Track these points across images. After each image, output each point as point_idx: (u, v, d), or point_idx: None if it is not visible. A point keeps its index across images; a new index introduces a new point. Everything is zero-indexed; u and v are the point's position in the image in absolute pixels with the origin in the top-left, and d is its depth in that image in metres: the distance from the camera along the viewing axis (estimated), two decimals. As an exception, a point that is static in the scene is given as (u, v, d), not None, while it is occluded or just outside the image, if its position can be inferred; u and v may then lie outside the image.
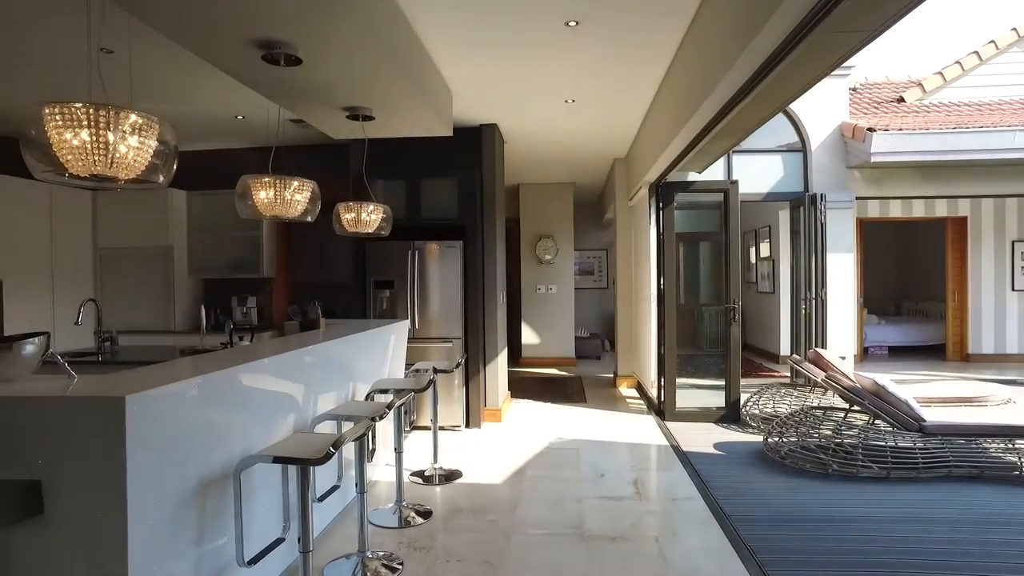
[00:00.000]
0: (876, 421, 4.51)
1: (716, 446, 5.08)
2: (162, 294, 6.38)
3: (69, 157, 1.96)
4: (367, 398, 3.79)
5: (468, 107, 5.24)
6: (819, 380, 5.05)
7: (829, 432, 4.49)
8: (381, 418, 2.86)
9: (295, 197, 3.04)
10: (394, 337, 4.51)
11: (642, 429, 5.72)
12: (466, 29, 3.70)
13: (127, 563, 1.89)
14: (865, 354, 9.75)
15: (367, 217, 3.98)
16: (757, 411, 5.72)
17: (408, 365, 4.92)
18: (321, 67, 3.33)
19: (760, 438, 5.13)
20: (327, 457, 2.21)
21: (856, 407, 4.66)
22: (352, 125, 4.34)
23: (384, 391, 3.82)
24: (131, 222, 6.35)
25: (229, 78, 4.09)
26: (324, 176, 3.81)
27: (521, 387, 7.74)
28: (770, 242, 9.82)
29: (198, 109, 5.19)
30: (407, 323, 4.94)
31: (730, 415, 5.88)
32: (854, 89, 8.54)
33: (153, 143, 2.08)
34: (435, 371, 3.92)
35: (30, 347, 2.04)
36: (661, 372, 6.16)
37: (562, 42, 3.91)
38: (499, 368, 6.00)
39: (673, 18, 3.65)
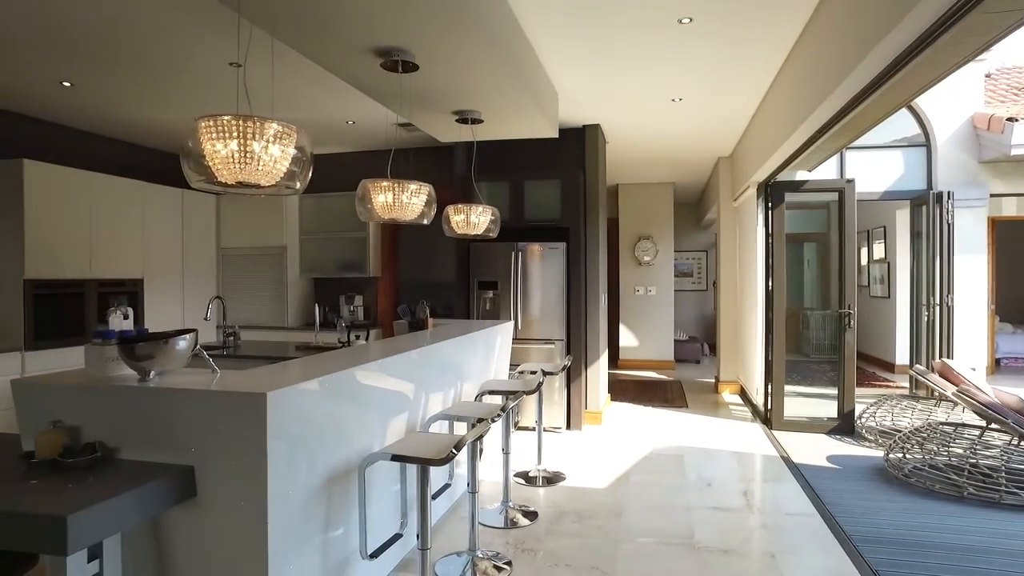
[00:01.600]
0: (1022, 442, 4.11)
1: (829, 459, 4.81)
2: (276, 292, 6.76)
3: (220, 166, 2.10)
4: (476, 399, 3.85)
5: (572, 107, 5.22)
6: (948, 394, 4.67)
7: (962, 451, 4.14)
8: (495, 420, 2.89)
9: (412, 200, 3.13)
10: (500, 338, 4.56)
11: (748, 437, 5.51)
12: (576, 29, 3.68)
13: (267, 546, 2.00)
14: (997, 366, 8.94)
15: (476, 219, 4.04)
16: (874, 424, 5.36)
17: (512, 366, 4.96)
18: (437, 72, 3.40)
19: (879, 453, 4.81)
20: (449, 458, 2.25)
21: (995, 425, 4.27)
22: (461, 128, 4.42)
23: (493, 392, 3.86)
24: (249, 224, 6.78)
25: (341, 85, 4.29)
26: (428, 178, 3.90)
27: (620, 389, 7.65)
28: (885, 243, 9.20)
29: (311, 115, 5.45)
30: (512, 324, 4.97)
31: (843, 426, 5.55)
32: (988, 75, 7.84)
33: (292, 151, 2.18)
34: (543, 373, 3.92)
35: (183, 343, 2.20)
36: (768, 378, 5.90)
37: (673, 39, 3.81)
38: (600, 370, 5.95)
39: (792, 12, 3.48)
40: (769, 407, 5.85)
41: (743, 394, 7.16)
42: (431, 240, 6.22)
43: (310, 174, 2.29)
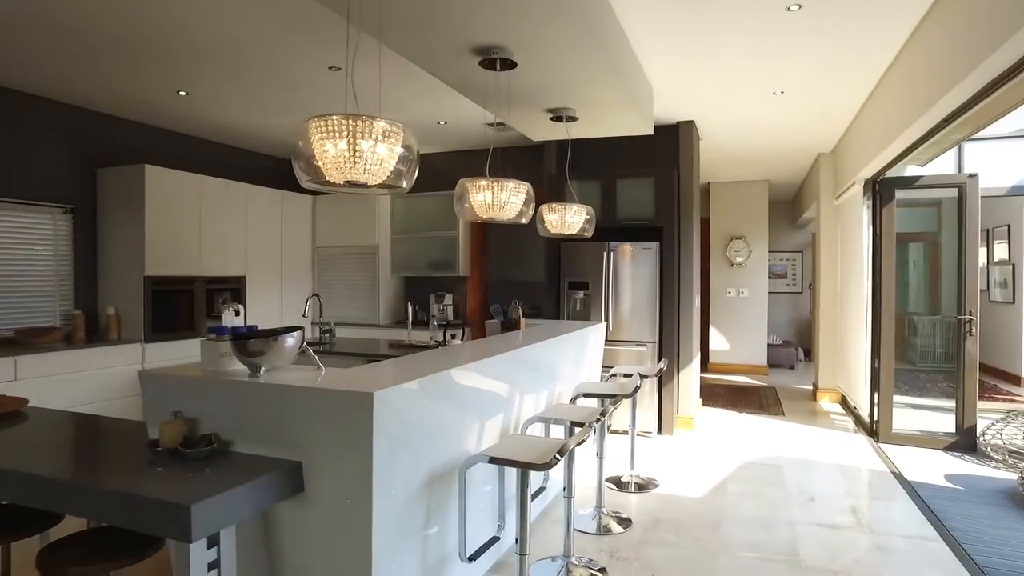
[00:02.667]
0: None
1: (948, 478, 4.44)
2: (368, 291, 6.94)
3: (329, 166, 2.13)
4: (571, 401, 3.79)
5: (667, 103, 5.06)
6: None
7: (1111, 476, 3.71)
8: (591, 425, 2.82)
9: (510, 199, 3.10)
10: (593, 339, 4.47)
11: (852, 449, 5.17)
12: (676, 19, 3.52)
13: (371, 544, 2.01)
14: None
15: (571, 218, 3.98)
16: (1001, 442, 4.91)
17: (603, 368, 4.86)
18: (534, 69, 3.36)
19: (1009, 475, 4.40)
20: (552, 463, 2.20)
21: None
22: (554, 126, 4.37)
23: (588, 395, 3.79)
24: (343, 224, 7.00)
25: (433, 86, 4.31)
26: (519, 177, 3.86)
27: (711, 394, 7.38)
28: (1008, 244, 8.44)
29: (402, 116, 5.55)
30: (604, 325, 4.87)
31: (963, 443, 5.11)
32: None
33: (399, 149, 2.19)
34: (640, 377, 3.81)
35: (291, 340, 2.25)
36: (875, 387, 5.52)
37: (779, 28, 3.60)
38: (692, 374, 5.75)
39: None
40: (875, 418, 5.48)
41: (844, 403, 6.75)
42: (520, 239, 6.20)
43: (416, 173, 2.29)
